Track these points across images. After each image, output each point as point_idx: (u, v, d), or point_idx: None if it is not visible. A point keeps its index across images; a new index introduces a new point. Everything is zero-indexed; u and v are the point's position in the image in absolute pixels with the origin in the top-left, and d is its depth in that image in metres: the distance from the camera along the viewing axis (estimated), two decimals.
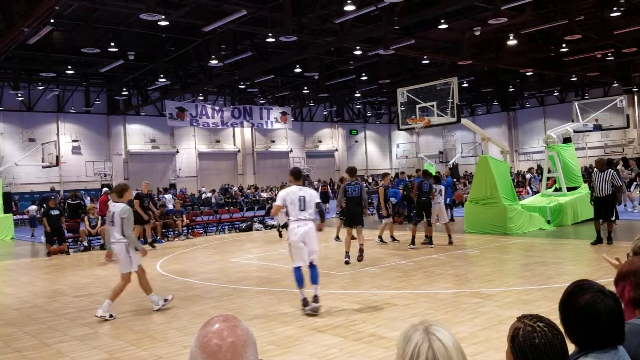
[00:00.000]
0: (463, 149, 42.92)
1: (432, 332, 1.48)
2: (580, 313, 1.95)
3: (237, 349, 1.36)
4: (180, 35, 22.90)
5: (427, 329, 1.50)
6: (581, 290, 2.02)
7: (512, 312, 6.42)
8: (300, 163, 44.15)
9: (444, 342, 1.45)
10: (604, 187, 11.29)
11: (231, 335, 1.37)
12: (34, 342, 6.37)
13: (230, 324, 1.40)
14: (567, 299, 2.01)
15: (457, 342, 1.49)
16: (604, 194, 11.31)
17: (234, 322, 1.41)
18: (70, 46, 23.45)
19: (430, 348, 1.43)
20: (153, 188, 33.61)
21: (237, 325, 1.41)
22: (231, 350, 1.35)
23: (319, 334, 6.02)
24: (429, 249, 12.25)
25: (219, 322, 1.40)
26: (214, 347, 1.34)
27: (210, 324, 1.40)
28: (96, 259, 14.11)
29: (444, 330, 1.50)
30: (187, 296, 8.54)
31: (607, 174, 11.29)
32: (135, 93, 33.72)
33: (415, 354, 1.44)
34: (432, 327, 1.50)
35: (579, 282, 2.09)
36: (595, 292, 2.00)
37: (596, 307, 1.94)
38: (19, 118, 32.53)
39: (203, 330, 1.39)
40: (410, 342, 1.47)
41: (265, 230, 19.37)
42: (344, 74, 31.36)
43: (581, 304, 1.96)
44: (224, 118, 30.83)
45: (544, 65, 29.22)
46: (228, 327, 1.39)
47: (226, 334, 1.37)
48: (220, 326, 1.38)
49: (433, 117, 14.34)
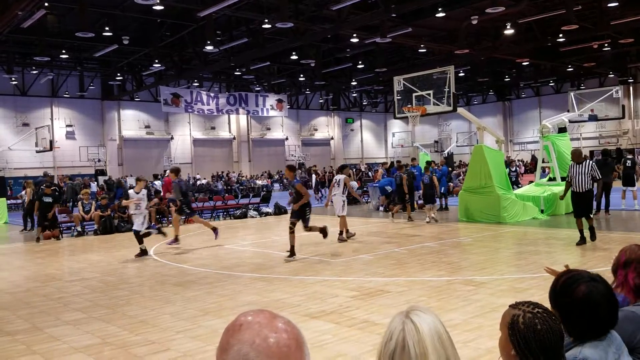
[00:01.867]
0: (458, 138, 42.95)
1: (410, 317, 1.47)
2: (579, 305, 1.94)
3: (301, 345, 1.14)
4: (175, 20, 22.71)
5: (407, 313, 1.49)
6: (575, 281, 2.01)
7: (504, 299, 6.45)
8: (296, 151, 44.11)
9: (418, 326, 1.43)
10: (583, 180, 10.07)
11: (291, 331, 1.14)
12: (26, 326, 6.36)
13: (280, 319, 1.16)
14: (562, 292, 2.00)
15: (436, 328, 1.46)
16: (583, 189, 10.05)
17: (281, 317, 1.17)
18: (64, 30, 23.19)
19: (402, 331, 1.43)
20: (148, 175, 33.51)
21: (285, 319, 1.17)
22: (299, 348, 1.12)
23: (313, 320, 6.03)
24: (420, 237, 12.30)
25: (267, 318, 1.14)
26: (284, 349, 1.09)
27: (256, 322, 1.13)
28: (90, 244, 14.09)
29: (426, 315, 1.48)
30: (180, 282, 8.54)
31: (586, 166, 10.12)
32: (129, 78, 33.49)
33: (388, 337, 1.44)
34: (413, 312, 1.49)
35: (569, 272, 2.08)
36: (588, 282, 1.99)
37: (593, 297, 1.94)
38: (12, 102, 32.27)
39: (252, 332, 1.11)
40: (389, 325, 1.47)
41: (260, 217, 19.36)
42: (341, 61, 31.24)
43: (579, 295, 1.96)
44: (219, 105, 30.66)
45: (541, 55, 29.20)
46: (284, 322, 1.15)
47: (287, 332, 1.13)
48: (275, 323, 1.13)
49: (429, 105, 14.33)
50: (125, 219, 16.58)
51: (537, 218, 14.49)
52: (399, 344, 1.42)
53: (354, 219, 17.17)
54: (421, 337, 1.42)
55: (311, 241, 12.68)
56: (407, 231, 13.75)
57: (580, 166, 10.17)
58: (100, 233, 15.79)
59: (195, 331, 5.83)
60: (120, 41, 23.68)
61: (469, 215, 14.72)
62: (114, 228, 16.07)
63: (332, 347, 5.09)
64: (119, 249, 12.88)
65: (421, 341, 1.41)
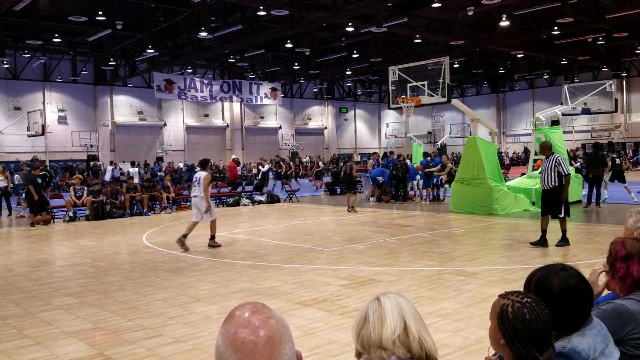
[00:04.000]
0: (452, 129, 43.02)
1: (378, 297, 1.70)
2: (558, 297, 1.94)
3: (274, 345, 1.15)
4: (169, 6, 22.50)
5: (377, 296, 1.71)
6: (547, 276, 2.01)
7: (495, 290, 6.51)
8: (289, 140, 44.02)
9: (381, 301, 1.67)
10: (550, 176, 9.16)
11: (266, 329, 1.16)
12: (17, 310, 6.35)
13: (262, 315, 1.19)
14: (538, 290, 1.98)
15: (398, 302, 1.67)
16: (550, 185, 9.18)
17: (266, 313, 1.20)
18: (57, 14, 22.92)
19: (367, 307, 1.68)
20: (140, 160, 33.39)
21: (270, 315, 1.20)
22: (268, 347, 1.14)
23: (305, 307, 6.07)
24: (412, 227, 12.36)
25: (249, 313, 1.19)
26: (249, 345, 1.13)
27: (238, 316, 1.19)
28: (82, 229, 14.05)
29: (392, 295, 1.70)
30: (173, 268, 8.55)
31: (552, 161, 9.17)
32: (122, 63, 33.20)
33: (358, 314, 1.70)
34: (383, 294, 1.71)
35: (537, 270, 2.09)
36: (558, 272, 2.01)
37: (568, 285, 1.96)
38: (4, 86, 31.93)
39: (230, 324, 1.17)
40: (364, 307, 1.71)
41: (253, 206, 19.37)
42: (336, 50, 31.12)
43: (555, 289, 1.96)
44: (213, 92, 30.51)
45: (535, 48, 29.22)
46: (261, 319, 1.17)
47: (261, 329, 1.16)
48: (251, 319, 1.17)
49: (423, 96, 14.33)
50: (117, 205, 16.54)
51: (529, 210, 14.59)
52: (362, 317, 1.67)
53: (346, 208, 17.23)
54: (381, 308, 1.65)
55: (306, 229, 12.72)
56: (399, 221, 13.82)
57: (547, 160, 9.30)
58: (92, 219, 15.75)
59: (187, 317, 5.85)
60: (113, 26, 23.44)
61: (461, 206, 14.80)
62: (105, 214, 16.02)
63: (323, 335, 5.14)
64: (110, 234, 12.86)
65: (381, 311, 1.64)
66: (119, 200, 16.64)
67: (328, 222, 14.46)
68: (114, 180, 20.70)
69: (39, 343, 5.15)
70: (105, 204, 16.25)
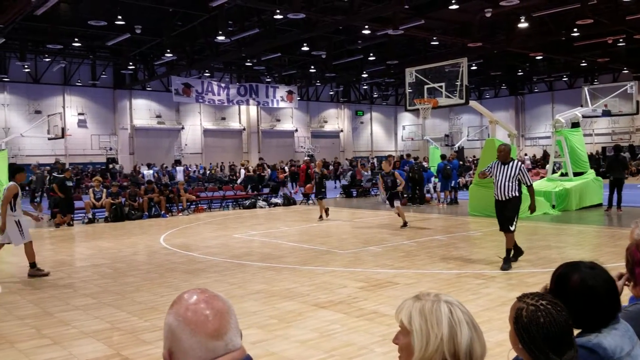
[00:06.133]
0: (469, 132, 42.66)
1: (444, 299, 1.54)
2: (574, 294, 1.91)
3: (223, 315, 1.33)
4: (187, 10, 22.67)
5: (438, 297, 1.54)
6: (569, 272, 1.98)
7: (515, 293, 6.38)
8: (305, 143, 44.04)
9: (460, 303, 1.55)
10: (507, 186, 7.92)
11: (214, 303, 1.34)
12: (36, 310, 6.41)
13: (207, 294, 1.36)
14: (558, 283, 1.97)
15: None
16: (505, 196, 7.95)
17: (210, 292, 1.37)
18: (77, 18, 23.23)
19: (458, 308, 1.52)
20: (157, 163, 33.70)
21: (215, 294, 1.37)
22: (218, 317, 1.31)
23: (321, 309, 6.03)
24: (429, 230, 12.24)
25: (196, 294, 1.36)
26: (200, 317, 1.30)
27: (185, 297, 1.35)
28: (100, 231, 14.18)
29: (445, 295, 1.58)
30: (190, 269, 8.57)
31: (512, 168, 7.92)
32: (141, 68, 33.54)
33: (456, 321, 1.50)
34: (439, 295, 1.55)
35: (564, 265, 2.05)
36: (582, 269, 1.97)
37: (588, 283, 1.92)
38: (25, 90, 32.45)
39: (179, 305, 1.34)
40: (438, 314, 1.50)
41: (269, 208, 19.38)
42: (352, 53, 31.06)
43: (572, 285, 1.93)
44: (230, 95, 30.65)
45: (554, 50, 28.86)
46: (208, 297, 1.35)
47: (209, 303, 1.33)
48: (199, 297, 1.34)
49: (441, 98, 14.21)
50: (135, 207, 16.68)
51: (548, 213, 14.39)
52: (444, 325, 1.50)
53: (364, 211, 17.19)
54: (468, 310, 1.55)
55: (321, 231, 12.69)
56: (416, 224, 13.70)
57: (505, 167, 7.96)
58: (110, 220, 15.90)
59: None
60: (132, 30, 23.69)
61: (479, 209, 14.63)
62: (124, 215, 16.16)
63: (340, 337, 5.09)
64: (129, 236, 12.96)
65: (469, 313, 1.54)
66: (137, 202, 16.78)
67: (344, 224, 14.41)
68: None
69: (57, 343, 5.18)
70: (123, 206, 16.38)
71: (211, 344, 1.29)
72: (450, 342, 1.47)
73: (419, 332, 1.50)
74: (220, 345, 1.30)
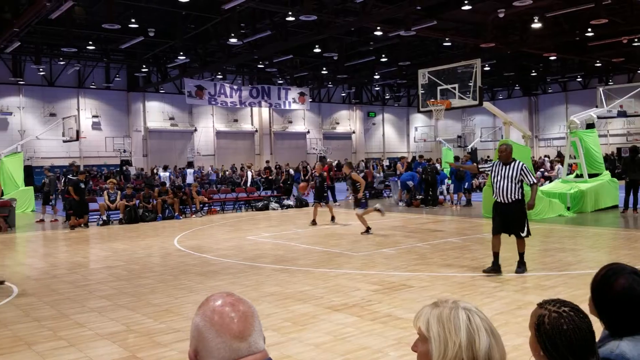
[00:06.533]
0: (482, 133, 42.41)
1: (462, 306, 1.51)
2: (617, 297, 1.91)
3: (248, 319, 1.38)
4: (200, 13, 22.80)
5: (456, 304, 1.52)
6: (615, 273, 1.97)
7: (530, 297, 6.36)
8: (317, 144, 44.07)
9: (479, 310, 1.52)
10: (509, 187, 7.51)
11: (239, 306, 1.39)
12: (52, 312, 6.46)
13: (234, 297, 1.42)
14: (602, 283, 1.97)
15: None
16: (511, 198, 7.53)
17: (236, 296, 1.43)
18: (91, 22, 23.49)
19: (477, 315, 1.49)
20: (170, 165, 33.89)
21: (240, 298, 1.42)
22: (243, 320, 1.37)
23: (335, 312, 6.01)
24: (443, 232, 12.18)
25: (222, 297, 1.41)
26: (226, 319, 1.35)
27: (212, 300, 1.41)
28: (115, 232, 14.29)
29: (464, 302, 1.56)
30: (204, 271, 8.60)
31: (514, 168, 7.51)
32: (154, 70, 33.81)
33: (474, 328, 1.47)
34: (457, 301, 1.53)
35: (610, 265, 2.04)
36: (629, 274, 1.95)
37: (633, 290, 1.90)
38: (40, 92, 32.84)
39: (206, 307, 1.39)
40: (456, 321, 1.48)
41: (281, 210, 19.40)
42: (364, 55, 31.03)
43: (617, 288, 1.92)
44: (242, 97, 30.76)
45: (568, 50, 28.60)
46: (233, 300, 1.40)
47: (235, 306, 1.38)
48: (226, 300, 1.40)
49: (454, 99, 14.15)
50: (149, 209, 16.78)
51: (563, 215, 14.25)
52: (463, 332, 1.48)
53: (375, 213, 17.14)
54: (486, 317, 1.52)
55: (334, 234, 12.68)
56: (430, 226, 13.65)
57: (506, 167, 7.57)
58: (125, 222, 16.01)
59: None
60: (146, 33, 23.88)
61: None
62: (138, 217, 16.26)
63: (355, 340, 5.07)
64: (143, 238, 13.04)
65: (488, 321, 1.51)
66: (151, 204, 16.88)
67: (357, 226, 14.37)
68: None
69: (73, 345, 5.22)
70: (137, 208, 16.50)
71: (235, 345, 1.34)
72: (469, 349, 1.46)
73: (437, 339, 1.48)
74: (243, 347, 1.35)
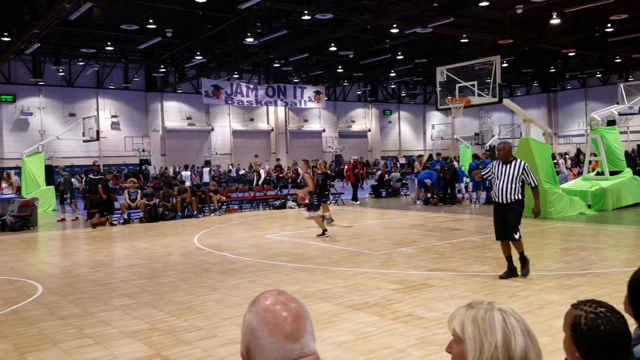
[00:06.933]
0: (501, 130, 42.01)
1: (498, 307, 1.50)
2: None
3: (300, 319, 1.36)
4: (216, 13, 22.93)
5: (491, 305, 1.51)
6: None
7: (553, 296, 6.30)
8: (333, 143, 44.07)
9: (514, 311, 1.50)
10: (509, 187, 7.19)
11: (292, 306, 1.37)
12: (77, 310, 6.55)
13: (286, 296, 1.40)
14: (637, 287, 1.94)
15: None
16: (506, 200, 7.23)
17: (288, 295, 1.40)
18: (109, 23, 23.75)
19: (512, 316, 1.48)
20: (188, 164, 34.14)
21: (293, 297, 1.40)
22: (296, 320, 1.34)
23: (356, 311, 6.02)
24: (462, 231, 12.11)
25: (275, 295, 1.39)
26: (279, 318, 1.33)
27: (265, 298, 1.39)
28: (136, 231, 14.44)
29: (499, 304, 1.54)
30: (224, 270, 8.66)
31: (515, 167, 7.20)
32: (172, 70, 34.08)
33: (510, 329, 1.45)
34: (492, 303, 1.52)
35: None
36: None
37: None
38: (60, 93, 33.29)
39: (259, 305, 1.37)
40: (492, 322, 1.46)
41: (298, 208, 19.43)
42: (380, 53, 30.94)
43: None
44: (258, 96, 30.90)
45: (587, 46, 28.22)
46: (286, 299, 1.38)
47: (287, 305, 1.36)
48: (279, 299, 1.38)
49: (473, 97, 14.03)
50: (169, 208, 16.93)
51: (584, 213, 14.08)
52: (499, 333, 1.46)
53: (394, 211, 17.12)
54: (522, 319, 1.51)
55: (352, 233, 12.68)
56: (449, 224, 13.58)
57: (506, 166, 7.25)
58: (145, 221, 16.18)
59: (241, 319, 5.79)
60: (163, 34, 24.08)
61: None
62: (158, 216, 16.43)
63: (377, 340, 5.07)
64: (163, 236, 13.16)
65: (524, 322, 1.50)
66: (171, 203, 17.03)
67: (374, 225, 14.37)
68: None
69: (99, 343, 5.29)
70: (157, 207, 16.66)
71: (288, 346, 1.32)
72: (505, 350, 1.45)
73: (472, 340, 1.48)
74: (296, 349, 1.32)
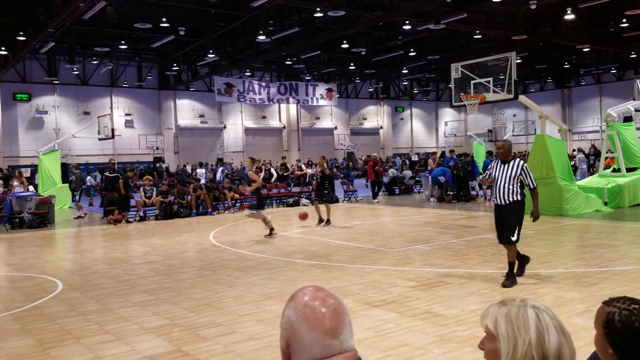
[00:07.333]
0: (514, 127, 41.70)
1: (531, 304, 1.51)
2: None
3: (339, 315, 1.37)
4: (229, 11, 22.99)
5: (524, 302, 1.52)
6: None
7: (572, 294, 6.27)
8: (345, 140, 44.03)
9: (547, 308, 1.51)
10: (507, 188, 6.88)
11: (330, 302, 1.38)
12: (97, 306, 6.63)
13: (325, 292, 1.41)
14: None
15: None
16: (505, 200, 6.93)
17: (327, 291, 1.42)
18: (123, 21, 23.90)
19: (545, 313, 1.48)
20: (202, 162, 34.34)
21: (331, 293, 1.42)
22: (335, 316, 1.36)
23: (374, 308, 6.03)
24: (477, 228, 12.06)
25: (313, 291, 1.41)
26: (319, 314, 1.35)
27: (303, 294, 1.40)
28: (152, 228, 14.55)
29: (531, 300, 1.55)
30: (240, 267, 8.71)
31: (513, 167, 6.88)
32: (185, 69, 34.23)
33: (543, 326, 1.46)
34: (525, 300, 1.52)
35: None
36: None
37: None
38: (74, 92, 33.58)
39: (297, 300, 1.39)
40: (525, 319, 1.47)
41: (312, 205, 19.45)
42: (392, 49, 30.81)
43: None
44: (270, 94, 30.96)
45: (602, 41, 27.90)
46: (324, 295, 1.40)
47: (326, 301, 1.38)
48: (317, 295, 1.39)
49: (488, 93, 13.96)
50: (184, 205, 17.04)
51: (601, 210, 13.96)
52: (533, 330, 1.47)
53: (408, 209, 17.10)
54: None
55: (367, 230, 12.68)
56: (463, 222, 13.54)
57: (505, 166, 6.94)
58: (161, 218, 16.31)
59: (259, 315, 5.94)
60: (176, 32, 24.19)
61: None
62: (173, 213, 16.55)
63: (396, 337, 5.09)
64: (179, 233, 13.26)
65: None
66: (186, 201, 17.15)
67: (389, 222, 14.36)
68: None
69: (120, 339, 5.35)
70: (173, 204, 16.78)
71: (328, 341, 1.33)
72: (539, 346, 1.46)
73: (506, 337, 1.49)
74: (335, 344, 1.34)
